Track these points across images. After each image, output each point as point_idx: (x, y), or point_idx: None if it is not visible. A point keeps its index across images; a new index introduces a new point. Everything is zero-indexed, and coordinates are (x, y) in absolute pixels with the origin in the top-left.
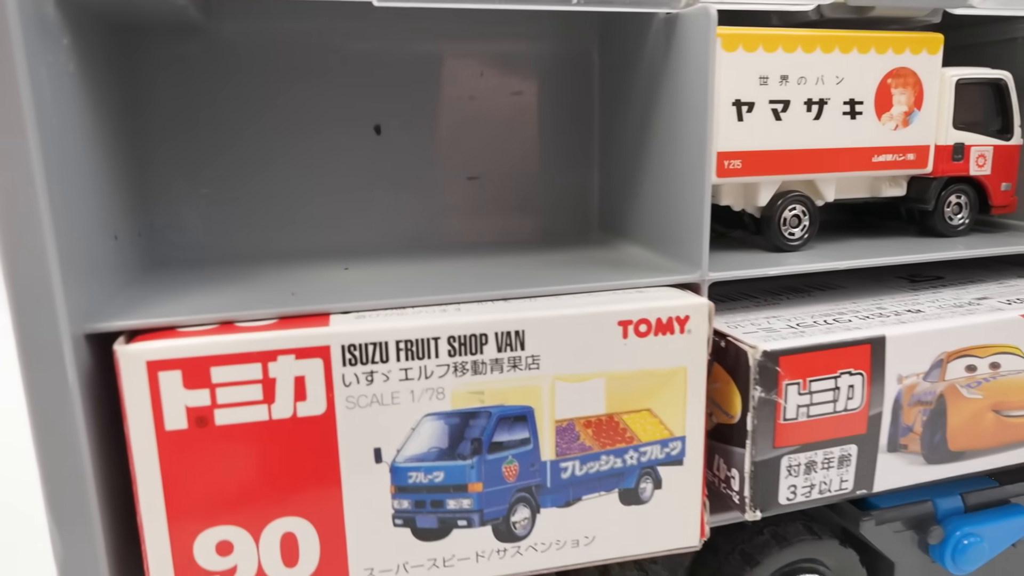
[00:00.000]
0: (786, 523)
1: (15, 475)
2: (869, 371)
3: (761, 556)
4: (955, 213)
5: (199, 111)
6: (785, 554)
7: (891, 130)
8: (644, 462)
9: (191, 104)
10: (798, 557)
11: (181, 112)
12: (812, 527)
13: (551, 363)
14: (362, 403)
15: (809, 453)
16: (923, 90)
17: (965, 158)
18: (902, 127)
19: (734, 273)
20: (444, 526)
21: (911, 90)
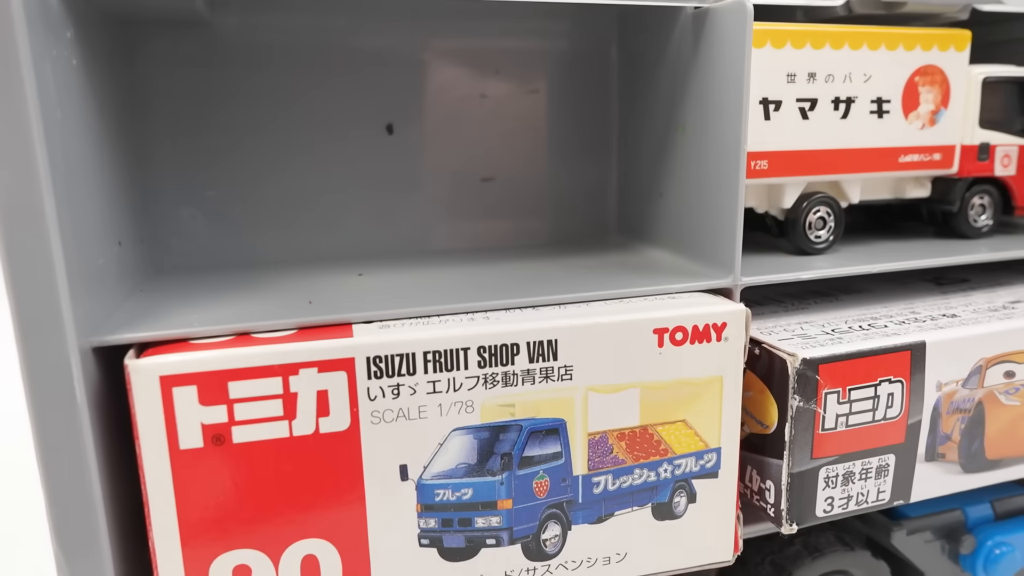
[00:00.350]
0: (817, 533)
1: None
2: (908, 378)
3: (793, 567)
4: (979, 214)
5: (203, 109)
6: (817, 565)
7: (917, 129)
8: (678, 475)
9: (195, 102)
10: (830, 569)
11: (184, 110)
12: (844, 538)
13: (584, 373)
14: (388, 418)
15: (847, 464)
16: (950, 88)
17: (990, 158)
18: (928, 126)
19: (767, 278)
20: (472, 545)
21: (938, 88)
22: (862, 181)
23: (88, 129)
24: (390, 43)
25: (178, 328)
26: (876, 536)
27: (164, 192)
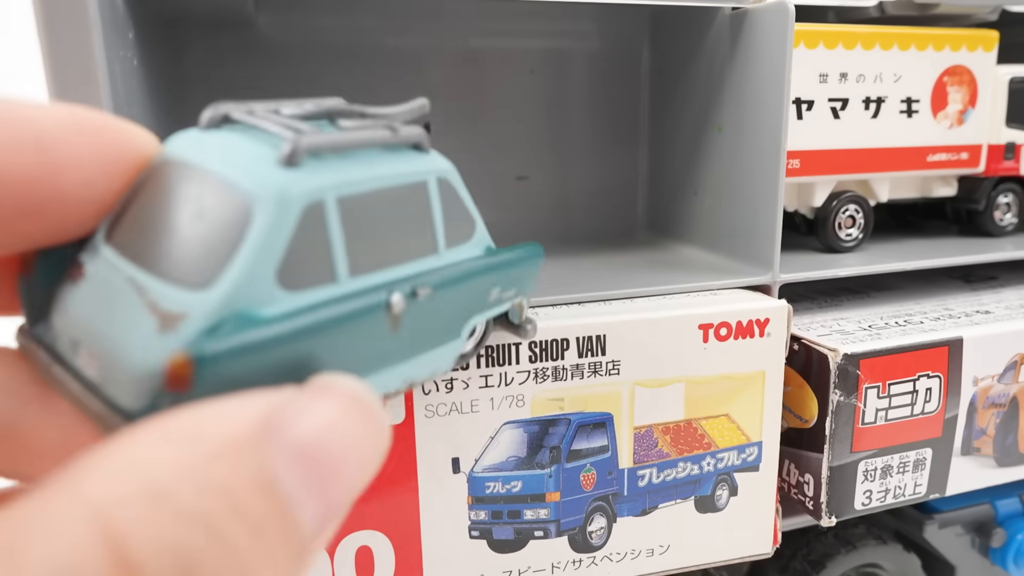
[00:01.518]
0: (851, 527)
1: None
2: (946, 373)
3: (827, 560)
4: (1004, 213)
5: None
6: (850, 558)
7: (946, 129)
8: (721, 468)
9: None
10: (862, 562)
11: None
12: (876, 531)
13: (631, 368)
14: (441, 411)
15: (886, 457)
16: (978, 88)
17: (1016, 157)
18: (956, 126)
19: (806, 275)
20: (521, 537)
21: (966, 88)
22: (891, 180)
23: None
24: (426, 43)
25: None
26: (907, 530)
27: None
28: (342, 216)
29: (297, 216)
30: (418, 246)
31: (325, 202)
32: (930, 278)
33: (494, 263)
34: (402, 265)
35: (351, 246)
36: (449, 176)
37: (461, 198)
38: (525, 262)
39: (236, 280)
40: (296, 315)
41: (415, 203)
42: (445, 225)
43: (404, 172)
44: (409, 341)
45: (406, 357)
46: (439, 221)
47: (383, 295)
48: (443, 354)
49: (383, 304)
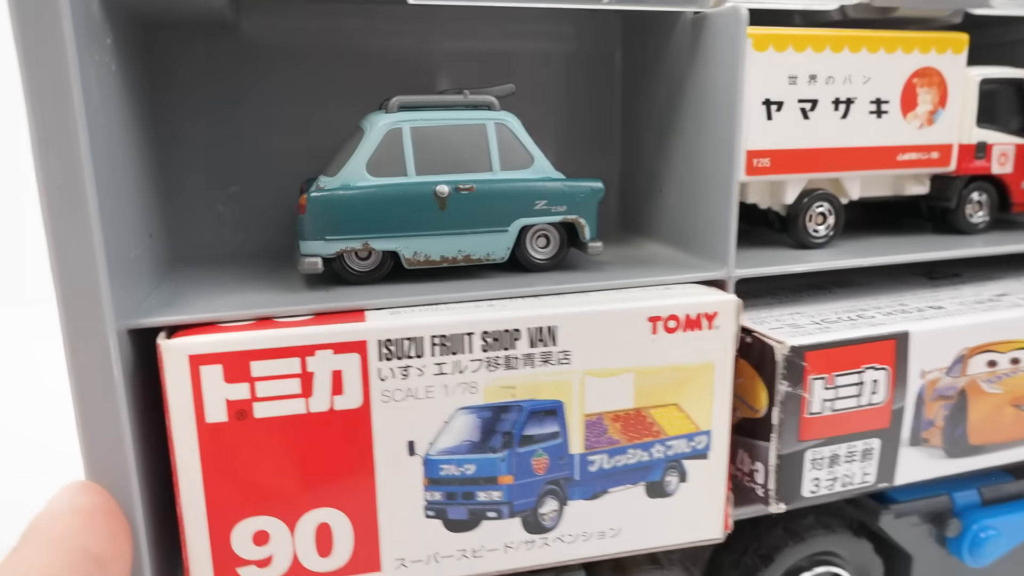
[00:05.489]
0: (799, 518)
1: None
2: (893, 366)
3: (775, 553)
4: (975, 211)
5: (226, 109)
6: (799, 549)
7: (916, 129)
8: (670, 456)
9: (218, 102)
10: (813, 551)
11: (208, 110)
12: (824, 520)
13: (582, 358)
14: (397, 397)
15: (833, 446)
16: (947, 89)
17: (987, 156)
18: (926, 126)
19: (761, 270)
20: (474, 518)
21: (936, 89)
22: (862, 178)
23: (125, 130)
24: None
25: (205, 312)
26: (865, 519)
27: (190, 188)
28: (413, 139)
29: (381, 136)
30: (476, 163)
31: (402, 129)
32: (897, 275)
33: (536, 180)
34: (460, 174)
35: (418, 156)
36: (508, 122)
37: (519, 139)
38: (574, 188)
39: (344, 170)
40: (368, 187)
41: (476, 137)
42: (500, 154)
43: (467, 117)
44: (457, 220)
45: (455, 231)
46: (495, 151)
47: (439, 185)
48: (494, 240)
49: (431, 189)
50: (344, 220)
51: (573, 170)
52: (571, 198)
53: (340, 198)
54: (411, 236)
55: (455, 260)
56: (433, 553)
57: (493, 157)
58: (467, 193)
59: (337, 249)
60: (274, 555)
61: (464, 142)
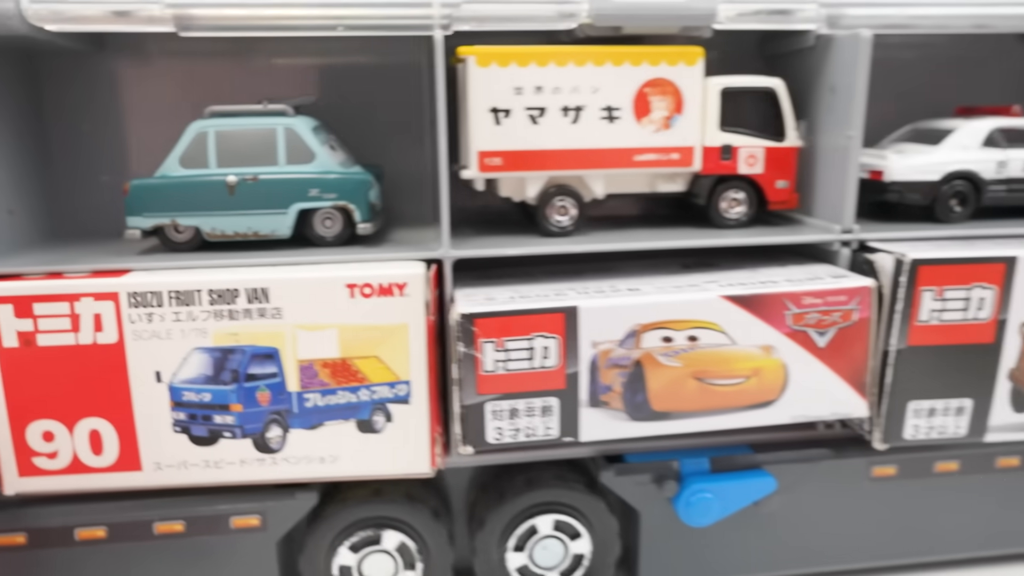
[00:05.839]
0: (540, 470)
1: None
2: (564, 336)
3: (513, 495)
4: (731, 207)
5: (101, 118)
6: (533, 495)
7: (652, 132)
8: (376, 399)
9: (92, 111)
10: (547, 499)
11: (84, 116)
12: (562, 475)
13: (292, 315)
14: (144, 336)
15: (511, 402)
16: (683, 97)
17: (734, 158)
18: (663, 130)
19: (473, 252)
20: (213, 435)
21: (670, 97)
22: (604, 177)
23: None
24: (255, 61)
25: (13, 267)
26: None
27: (68, 177)
28: (217, 139)
29: (191, 137)
30: (265, 159)
31: (208, 132)
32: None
33: (313, 173)
34: (250, 167)
35: (219, 153)
36: (296, 126)
37: (303, 139)
38: (345, 179)
39: (164, 163)
40: (178, 176)
41: (267, 138)
42: (287, 151)
43: (262, 123)
44: (243, 204)
45: (243, 212)
46: (281, 149)
47: (229, 176)
48: (276, 220)
49: (224, 179)
50: (156, 201)
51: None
52: (341, 187)
53: (152, 184)
54: (208, 215)
55: (247, 235)
56: (182, 461)
57: (280, 154)
58: (252, 182)
59: (152, 224)
60: (59, 450)
61: (257, 142)
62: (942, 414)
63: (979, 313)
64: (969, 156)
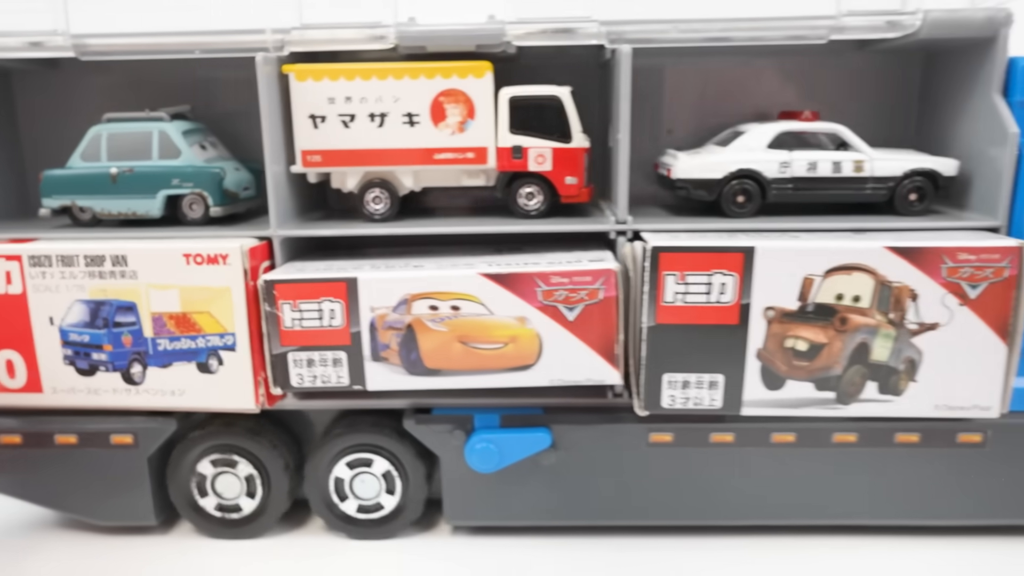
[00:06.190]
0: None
1: None
2: (347, 301)
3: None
4: (528, 201)
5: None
6: (351, 437)
7: (448, 135)
8: (210, 346)
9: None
10: (362, 441)
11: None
12: (378, 422)
13: (145, 276)
14: (40, 289)
15: (308, 353)
16: (474, 105)
17: (524, 157)
18: (458, 133)
19: (295, 232)
20: (92, 368)
21: (463, 105)
22: (412, 172)
23: None
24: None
25: None
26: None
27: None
28: (107, 138)
29: (90, 137)
30: (143, 155)
31: (102, 133)
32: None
33: (177, 166)
34: (130, 161)
35: (109, 150)
36: (168, 130)
37: (172, 139)
38: (198, 171)
39: (71, 158)
40: (78, 168)
41: (145, 138)
42: (159, 149)
43: (142, 127)
44: (123, 190)
45: (123, 196)
46: (155, 147)
47: (112, 168)
48: (148, 204)
49: (108, 170)
50: (61, 187)
51: None
52: (197, 178)
53: (58, 174)
54: (99, 198)
55: (127, 215)
56: (71, 387)
57: (154, 151)
58: (129, 173)
59: (59, 204)
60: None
61: (138, 141)
62: (696, 387)
63: (722, 297)
64: (753, 156)
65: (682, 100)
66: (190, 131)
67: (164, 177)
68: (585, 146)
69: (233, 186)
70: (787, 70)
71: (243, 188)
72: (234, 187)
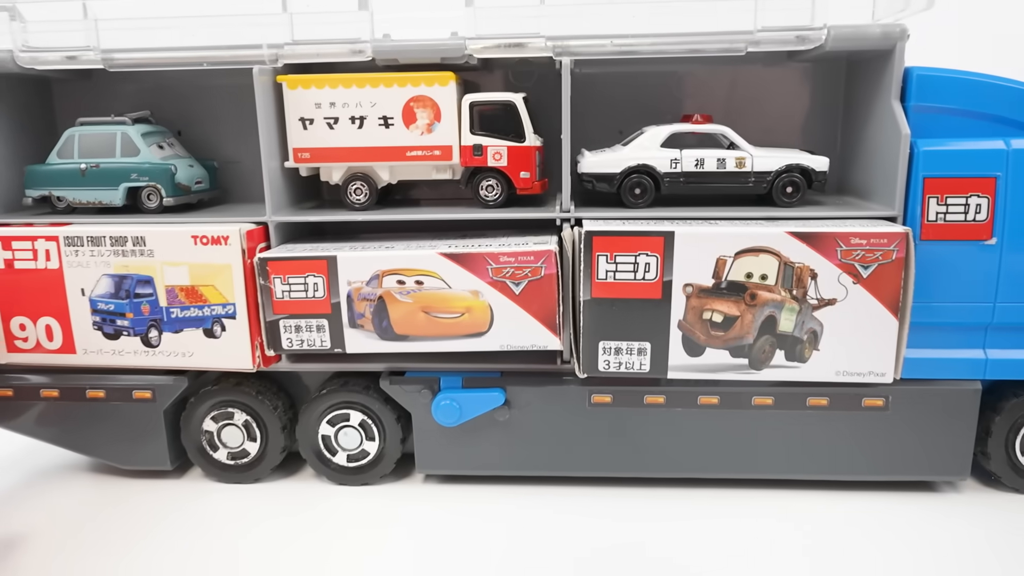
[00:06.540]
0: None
1: None
2: (327, 276)
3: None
4: (488, 193)
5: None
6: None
7: (419, 135)
8: (214, 315)
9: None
10: (349, 398)
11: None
12: (363, 383)
13: (160, 255)
14: (73, 264)
15: (296, 320)
16: (440, 109)
17: (484, 155)
18: (427, 133)
19: (286, 218)
20: (117, 332)
21: (430, 109)
22: (388, 167)
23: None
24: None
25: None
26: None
27: None
28: (79, 138)
29: (65, 138)
30: (108, 153)
31: (75, 134)
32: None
33: (135, 163)
34: (96, 159)
35: (81, 148)
36: (129, 132)
37: (132, 139)
38: (154, 167)
39: (50, 155)
40: (55, 163)
41: (110, 139)
42: (121, 148)
43: (108, 129)
44: (91, 183)
45: (91, 188)
46: (119, 146)
47: (81, 164)
48: (112, 194)
49: (79, 166)
50: (40, 180)
51: None
52: (151, 173)
53: (38, 168)
54: (70, 190)
55: (95, 204)
56: (99, 349)
57: (117, 149)
58: (95, 168)
59: (38, 194)
60: (28, 337)
61: (103, 141)
62: (627, 353)
63: (646, 275)
64: (648, 154)
65: (629, 104)
66: (149, 133)
67: (125, 172)
68: (537, 145)
69: (185, 180)
70: (723, 77)
71: (195, 182)
72: (186, 181)
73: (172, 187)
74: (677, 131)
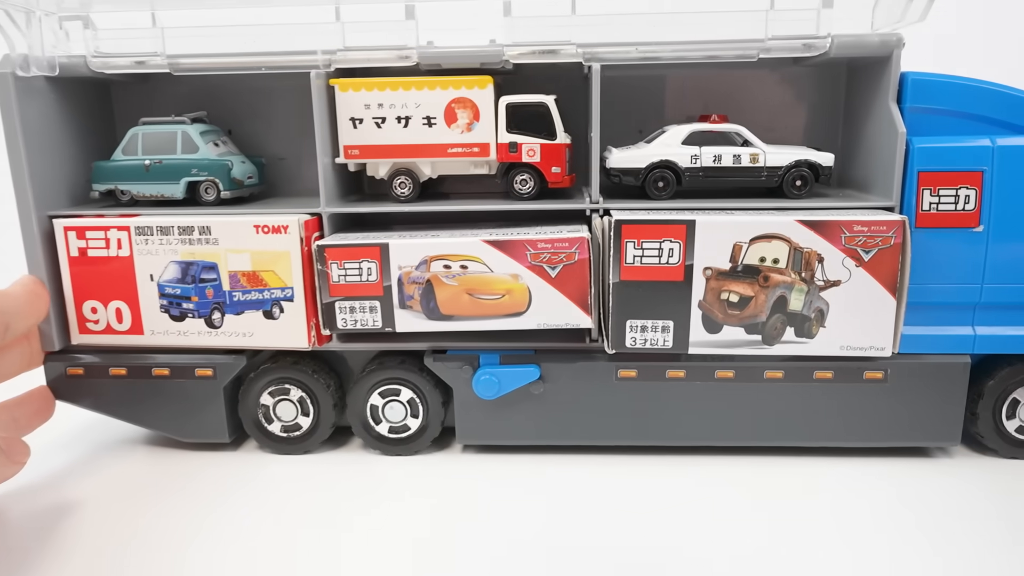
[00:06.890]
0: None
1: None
2: (380, 261)
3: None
4: (522, 186)
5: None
6: (382, 372)
7: (459, 133)
8: (273, 298)
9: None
10: (395, 375)
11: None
12: (407, 361)
13: (224, 242)
14: (143, 251)
15: (351, 302)
16: (479, 110)
17: (519, 151)
18: (467, 132)
19: (340, 209)
20: (182, 315)
21: (470, 110)
22: (431, 163)
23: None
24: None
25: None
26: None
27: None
28: (143, 137)
29: (129, 136)
30: (170, 150)
31: (139, 133)
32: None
33: (195, 159)
34: (160, 155)
35: (144, 146)
36: (189, 131)
37: (192, 137)
38: (212, 163)
39: (115, 152)
40: (119, 160)
41: (171, 137)
42: (182, 145)
43: (170, 128)
44: (154, 177)
45: (154, 182)
46: (179, 143)
47: (145, 160)
48: (173, 188)
49: (143, 162)
50: (107, 175)
51: None
52: (210, 168)
53: (105, 164)
54: (135, 184)
55: (157, 197)
56: (166, 330)
57: (178, 147)
58: (158, 164)
59: (105, 188)
60: (99, 319)
61: (165, 139)
62: (652, 331)
63: (670, 259)
64: (669, 151)
65: (649, 104)
66: (206, 132)
67: (185, 168)
68: (567, 142)
69: (239, 175)
70: (738, 80)
71: (247, 177)
72: (240, 176)
73: (228, 181)
74: (696, 130)
